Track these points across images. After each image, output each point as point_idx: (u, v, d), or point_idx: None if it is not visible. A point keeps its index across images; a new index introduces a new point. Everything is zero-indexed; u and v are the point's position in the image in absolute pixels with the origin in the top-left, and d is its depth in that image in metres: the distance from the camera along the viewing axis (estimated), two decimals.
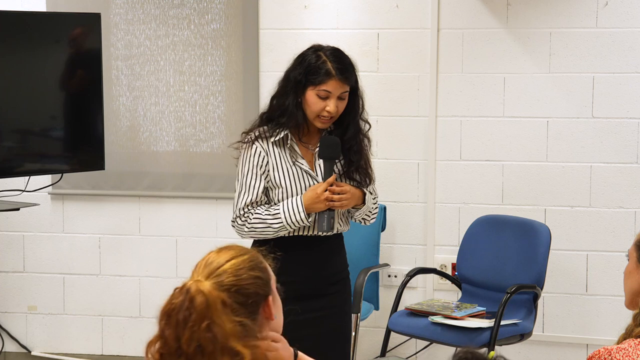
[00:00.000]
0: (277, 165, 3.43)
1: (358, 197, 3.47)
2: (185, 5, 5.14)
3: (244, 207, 3.44)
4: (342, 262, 3.64)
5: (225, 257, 2.12)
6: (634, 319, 2.43)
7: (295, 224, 3.39)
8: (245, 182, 3.44)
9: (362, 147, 3.50)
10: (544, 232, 4.59)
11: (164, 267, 5.30)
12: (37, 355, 5.46)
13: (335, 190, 3.38)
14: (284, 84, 3.44)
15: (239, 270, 2.09)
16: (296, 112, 3.39)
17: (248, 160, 3.44)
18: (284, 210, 3.39)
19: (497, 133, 4.98)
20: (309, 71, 3.37)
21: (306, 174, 3.45)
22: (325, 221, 3.42)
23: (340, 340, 3.61)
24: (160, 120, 5.22)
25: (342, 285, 3.62)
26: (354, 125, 3.47)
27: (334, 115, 3.39)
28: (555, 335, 5.01)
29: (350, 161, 3.47)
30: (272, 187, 3.45)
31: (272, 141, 3.43)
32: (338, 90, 3.37)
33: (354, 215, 3.55)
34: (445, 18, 4.97)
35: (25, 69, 4.56)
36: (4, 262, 5.43)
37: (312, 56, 3.40)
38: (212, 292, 2.01)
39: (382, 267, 5.00)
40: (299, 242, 3.46)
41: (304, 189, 3.43)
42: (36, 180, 4.82)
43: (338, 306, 3.58)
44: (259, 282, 2.11)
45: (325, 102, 3.36)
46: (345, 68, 3.38)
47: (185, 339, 1.97)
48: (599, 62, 4.85)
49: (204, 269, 2.10)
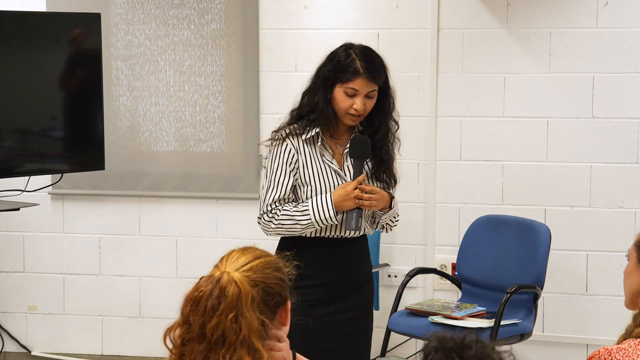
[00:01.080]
0: (306, 163, 3.43)
1: (386, 200, 3.45)
2: (185, 5, 5.14)
3: (271, 203, 3.42)
4: (367, 264, 3.63)
5: (252, 255, 2.14)
6: (634, 319, 2.43)
7: (323, 221, 3.37)
8: (275, 178, 3.43)
9: (391, 149, 3.49)
10: (544, 232, 4.59)
11: (164, 267, 5.29)
12: (37, 355, 5.46)
13: (365, 189, 3.37)
14: (314, 81, 3.44)
15: (266, 269, 2.12)
16: (326, 108, 3.39)
17: (278, 157, 3.43)
18: (313, 207, 3.37)
19: (497, 133, 4.98)
20: (337, 68, 3.38)
21: (335, 173, 3.44)
22: (353, 219, 3.40)
23: (363, 342, 3.60)
24: (160, 120, 5.22)
25: (367, 287, 3.61)
26: (385, 125, 3.46)
27: (362, 113, 3.38)
28: (555, 335, 5.01)
29: (382, 160, 3.46)
30: (300, 184, 3.44)
31: (304, 139, 3.43)
32: (365, 89, 3.36)
33: (379, 219, 3.53)
34: (445, 18, 4.97)
35: (25, 69, 4.56)
36: (4, 262, 5.43)
37: (342, 54, 3.40)
38: (244, 285, 2.04)
39: (382, 267, 5.00)
40: (327, 242, 3.45)
41: (332, 188, 3.42)
42: (36, 180, 4.82)
43: (363, 308, 3.57)
44: (283, 284, 2.15)
45: (353, 99, 3.36)
46: (373, 67, 3.38)
47: (210, 326, 2.00)
48: (599, 62, 4.85)
49: (232, 264, 2.11)
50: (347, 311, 3.49)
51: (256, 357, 2.02)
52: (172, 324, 2.07)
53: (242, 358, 2.00)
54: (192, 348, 2.03)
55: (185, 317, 2.05)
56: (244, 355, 2.00)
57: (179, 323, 2.06)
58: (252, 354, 2.01)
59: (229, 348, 2.00)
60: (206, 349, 2.01)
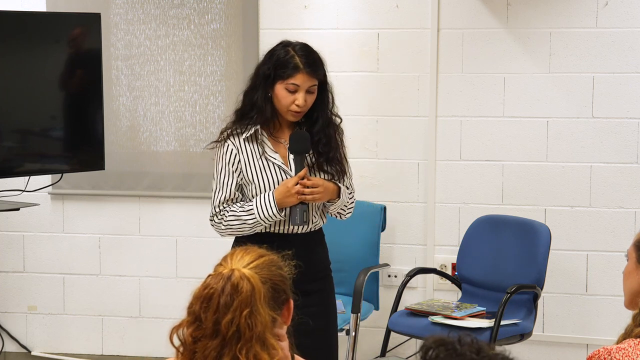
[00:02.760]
0: (248, 161, 3.47)
1: (332, 191, 3.49)
2: (185, 5, 5.14)
3: (219, 205, 3.48)
4: (323, 259, 3.64)
5: (256, 254, 2.16)
6: (634, 319, 2.43)
7: (268, 219, 3.42)
8: (220, 179, 3.49)
9: (331, 140, 3.52)
10: (544, 232, 4.59)
11: (164, 267, 5.29)
12: (37, 355, 5.46)
13: (306, 184, 3.40)
14: (254, 79, 3.49)
15: (271, 266, 2.15)
16: (265, 106, 3.44)
17: (221, 158, 3.49)
18: (257, 205, 3.42)
19: (497, 133, 4.98)
20: (277, 65, 3.42)
21: (279, 168, 3.48)
22: (297, 215, 3.43)
23: (326, 341, 3.60)
24: (160, 120, 5.22)
25: (324, 283, 3.61)
26: (323, 118, 3.51)
27: (303, 109, 3.43)
28: (555, 335, 5.01)
29: (320, 153, 3.50)
30: (245, 183, 3.48)
31: (244, 137, 3.47)
32: (306, 84, 3.41)
33: (329, 209, 3.57)
34: (445, 18, 4.97)
35: (25, 69, 4.56)
36: (4, 262, 5.43)
37: (281, 51, 3.45)
38: (257, 281, 2.06)
39: (382, 267, 5.00)
40: (276, 238, 3.46)
41: (277, 184, 3.45)
42: (36, 180, 4.82)
43: (321, 305, 3.57)
44: (286, 282, 2.17)
45: (294, 95, 3.41)
46: (313, 62, 3.44)
47: (225, 321, 2.01)
48: (599, 62, 4.85)
49: (239, 261, 2.12)
50: (308, 306, 3.48)
51: (271, 353, 2.03)
52: (179, 323, 2.08)
53: (258, 353, 2.02)
54: (204, 345, 2.03)
55: (195, 314, 2.05)
56: (259, 350, 2.02)
57: (189, 321, 2.06)
58: (266, 349, 2.02)
59: (245, 343, 2.01)
60: (220, 345, 2.02)
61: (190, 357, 2.05)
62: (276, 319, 2.10)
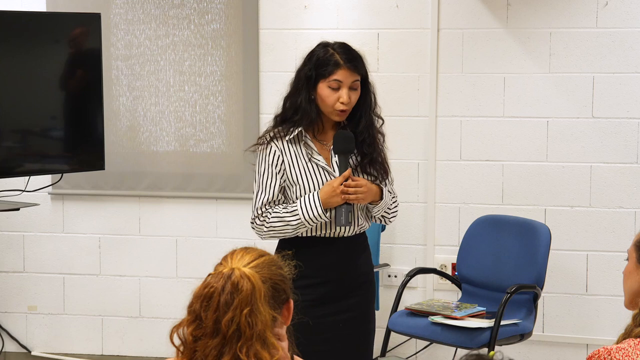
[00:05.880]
0: (292, 163, 3.43)
1: (375, 193, 3.45)
2: (185, 5, 5.14)
3: (261, 207, 3.42)
4: (367, 263, 3.60)
5: (256, 253, 2.16)
6: (634, 319, 2.43)
7: (313, 219, 3.37)
8: (262, 181, 3.44)
9: (375, 141, 3.49)
10: (544, 232, 4.59)
11: (164, 267, 5.30)
12: (37, 355, 5.46)
13: (350, 184, 3.36)
14: (296, 83, 3.46)
15: (272, 266, 2.15)
16: (309, 107, 3.40)
17: (264, 160, 3.44)
18: (302, 206, 3.37)
19: (497, 133, 4.98)
20: (318, 65, 3.40)
21: (323, 170, 3.44)
22: (343, 215, 3.38)
23: (362, 345, 3.57)
24: (160, 120, 5.22)
25: (367, 288, 3.57)
26: (366, 118, 3.47)
27: (348, 107, 3.39)
28: (555, 335, 5.01)
29: (364, 154, 3.46)
30: (289, 185, 3.44)
31: (287, 139, 3.43)
32: (349, 79, 3.38)
33: (372, 212, 3.51)
34: (445, 18, 4.97)
35: (25, 69, 4.56)
36: (4, 262, 5.43)
37: (320, 51, 3.43)
38: (257, 280, 2.06)
39: (382, 267, 5.00)
40: (322, 241, 3.44)
41: (321, 185, 3.41)
42: (36, 180, 4.83)
43: (363, 308, 3.55)
44: (286, 281, 2.17)
45: (338, 92, 3.37)
46: (353, 58, 3.41)
47: (226, 320, 2.01)
48: (599, 62, 4.85)
49: (239, 261, 2.13)
50: (346, 311, 3.48)
51: (271, 352, 2.04)
52: (179, 322, 2.08)
53: (259, 352, 2.02)
54: (205, 343, 2.04)
55: (195, 313, 2.06)
56: (259, 349, 2.02)
57: (189, 320, 2.07)
58: (267, 348, 2.03)
59: (246, 342, 2.01)
60: (220, 344, 2.03)
61: (191, 356, 2.06)
62: (276, 318, 2.10)
